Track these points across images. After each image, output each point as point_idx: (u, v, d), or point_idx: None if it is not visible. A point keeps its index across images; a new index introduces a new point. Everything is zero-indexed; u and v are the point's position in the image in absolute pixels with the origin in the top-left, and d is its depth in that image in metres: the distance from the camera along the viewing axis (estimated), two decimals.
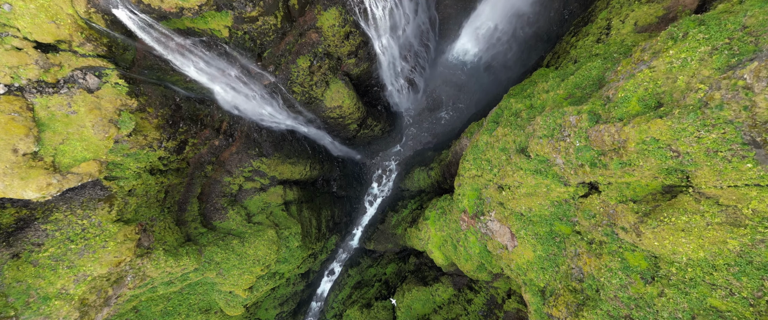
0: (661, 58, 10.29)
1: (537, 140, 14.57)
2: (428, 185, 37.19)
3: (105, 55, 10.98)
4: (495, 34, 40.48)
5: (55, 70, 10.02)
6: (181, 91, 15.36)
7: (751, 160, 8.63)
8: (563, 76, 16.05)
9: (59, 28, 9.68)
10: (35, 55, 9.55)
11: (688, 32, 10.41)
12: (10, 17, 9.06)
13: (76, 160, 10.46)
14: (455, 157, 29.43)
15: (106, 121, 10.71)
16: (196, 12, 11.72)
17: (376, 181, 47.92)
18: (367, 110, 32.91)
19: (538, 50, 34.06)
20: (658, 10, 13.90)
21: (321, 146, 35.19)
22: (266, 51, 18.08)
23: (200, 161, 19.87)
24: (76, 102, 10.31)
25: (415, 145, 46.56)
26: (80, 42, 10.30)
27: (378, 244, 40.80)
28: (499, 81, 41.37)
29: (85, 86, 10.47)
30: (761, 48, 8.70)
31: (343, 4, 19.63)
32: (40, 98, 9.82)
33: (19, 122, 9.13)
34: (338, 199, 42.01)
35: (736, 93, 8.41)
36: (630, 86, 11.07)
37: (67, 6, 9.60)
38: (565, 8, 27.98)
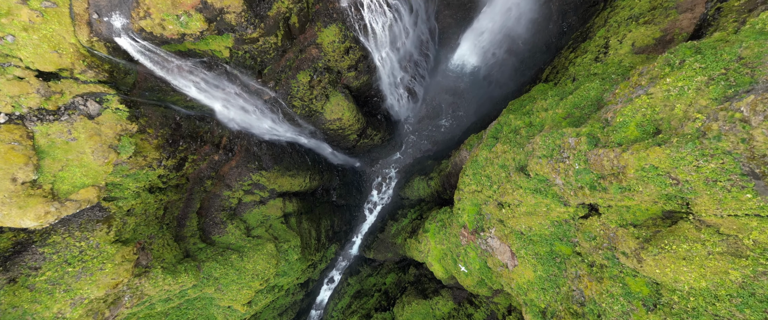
0: (659, 85, 10.36)
1: (536, 160, 14.58)
2: (428, 195, 37.10)
3: (106, 80, 11.05)
4: (494, 43, 40.85)
5: (56, 98, 10.08)
6: (182, 110, 15.42)
7: (751, 190, 8.62)
8: (562, 94, 16.14)
9: (61, 57, 9.77)
10: (37, 84, 9.62)
11: (684, 60, 10.50)
12: (13, 48, 9.14)
13: (74, 186, 10.45)
14: (455, 168, 29.41)
15: (105, 147, 10.73)
16: (197, 37, 11.83)
17: (376, 189, 47.84)
18: (366, 121, 33.02)
19: (537, 60, 34.31)
20: (655, 32, 14.04)
21: (321, 156, 35.23)
22: (266, 68, 18.20)
23: (200, 176, 19.86)
24: (77, 129, 10.34)
25: (415, 153, 46.60)
26: (82, 69, 10.38)
27: (378, 253, 40.51)
28: (498, 89, 41.60)
29: (85, 112, 10.51)
30: (757, 80, 8.77)
31: (343, 21, 19.83)
32: (41, 125, 9.85)
33: (19, 151, 9.15)
34: (338, 208, 41.88)
35: (733, 125, 8.44)
36: (628, 112, 11.12)
37: (69, 36, 9.69)
38: (563, 21, 28.28)
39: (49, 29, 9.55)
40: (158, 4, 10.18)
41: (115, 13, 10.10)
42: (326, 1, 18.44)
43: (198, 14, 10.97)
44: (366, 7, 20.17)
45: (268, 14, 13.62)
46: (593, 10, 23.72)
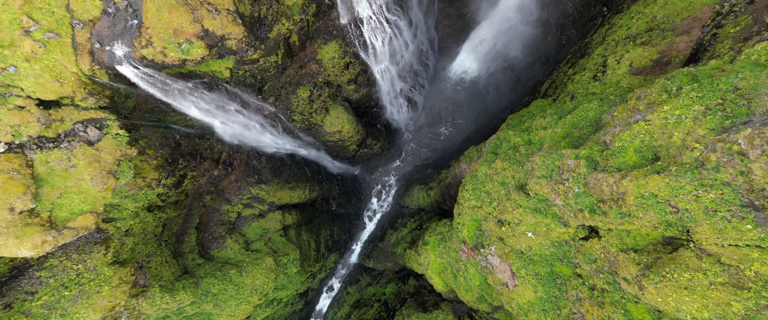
0: (656, 112, 10.42)
1: (536, 180, 14.57)
2: (428, 205, 36.99)
3: (107, 105, 11.10)
4: (493, 53, 41.18)
5: (57, 125, 10.11)
6: (181, 128, 15.46)
7: (751, 222, 8.61)
8: (561, 113, 16.21)
9: (63, 86, 9.83)
10: (37, 113, 9.66)
11: (681, 87, 10.58)
12: (15, 78, 9.20)
13: (73, 213, 10.42)
14: (455, 180, 29.36)
15: (105, 173, 10.73)
16: (198, 61, 11.93)
17: (376, 196, 47.71)
18: (366, 131, 33.09)
19: (536, 72, 34.53)
20: (653, 54, 14.17)
21: (320, 165, 35.21)
22: (267, 84, 18.30)
23: (199, 192, 19.82)
24: (76, 156, 10.35)
25: (415, 160, 46.61)
26: (83, 96, 10.44)
27: (377, 262, 40.21)
28: (497, 98, 41.80)
29: (85, 138, 10.54)
30: (754, 111, 8.82)
31: (343, 38, 20.02)
32: (40, 153, 9.86)
33: (18, 181, 9.14)
34: (337, 217, 41.71)
35: (731, 157, 8.46)
36: (626, 137, 11.16)
37: (71, 65, 9.76)
38: (562, 34, 28.57)
39: (52, 59, 9.63)
40: (160, 33, 10.29)
41: (117, 43, 10.21)
42: (326, 19, 18.65)
43: (199, 41, 11.08)
44: (366, 23, 20.38)
45: (268, 36, 13.76)
46: (591, 25, 23.98)
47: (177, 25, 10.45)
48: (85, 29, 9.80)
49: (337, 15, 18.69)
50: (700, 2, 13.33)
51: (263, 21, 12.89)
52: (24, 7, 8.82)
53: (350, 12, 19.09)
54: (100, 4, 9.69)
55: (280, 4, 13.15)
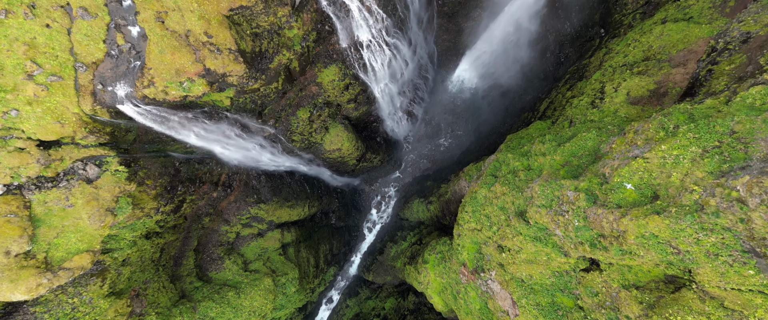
0: (655, 150, 10.46)
1: (535, 209, 14.52)
2: (427, 219, 36.77)
3: (107, 142, 11.14)
4: (492, 66, 41.58)
5: (56, 165, 10.13)
6: (181, 155, 15.48)
7: (753, 267, 8.54)
8: (559, 139, 16.26)
9: (64, 126, 9.89)
10: (37, 154, 9.69)
11: (678, 126, 10.65)
12: (16, 121, 9.26)
13: (69, 253, 10.33)
14: (454, 196, 29.27)
15: (102, 210, 10.70)
16: (198, 97, 12.03)
17: (375, 208, 47.50)
18: (365, 146, 33.15)
19: (536, 86, 34.75)
20: (649, 84, 14.31)
21: (320, 180, 35.15)
22: (267, 108, 18.41)
23: (198, 214, 19.72)
24: (74, 195, 10.34)
25: (415, 172, 46.56)
26: (83, 135, 10.49)
27: (377, 276, 39.74)
28: (496, 110, 41.99)
29: (84, 176, 10.55)
30: (751, 156, 8.86)
31: (342, 61, 20.22)
32: (39, 193, 9.85)
33: (15, 223, 9.11)
34: (337, 230, 41.43)
35: (730, 204, 8.45)
36: (625, 173, 11.17)
37: (73, 106, 9.85)
38: (561, 51, 28.91)
39: (54, 101, 9.71)
40: (162, 73, 10.41)
41: (119, 83, 10.31)
42: (327, 44, 18.88)
43: (201, 79, 11.19)
44: (365, 47, 20.61)
45: (269, 67, 13.91)
46: (589, 46, 24.29)
47: (179, 66, 10.58)
48: (88, 71, 9.92)
49: (337, 39, 18.93)
50: (696, 35, 13.53)
51: (264, 54, 13.06)
52: (28, 52, 8.95)
53: (350, 36, 19.35)
54: (103, 46, 9.84)
55: (281, 36, 13.36)
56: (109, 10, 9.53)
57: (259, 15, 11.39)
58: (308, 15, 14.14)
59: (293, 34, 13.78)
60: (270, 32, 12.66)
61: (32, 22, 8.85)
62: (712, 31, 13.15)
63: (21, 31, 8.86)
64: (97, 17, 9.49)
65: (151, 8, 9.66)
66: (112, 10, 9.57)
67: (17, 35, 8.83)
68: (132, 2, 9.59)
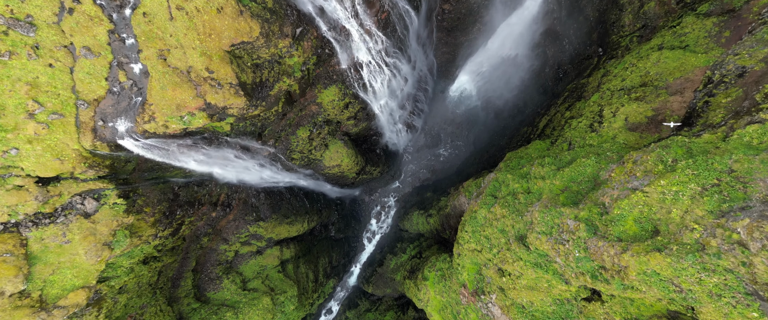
0: (654, 185, 10.47)
1: (536, 235, 14.44)
2: (427, 231, 36.54)
3: (106, 175, 11.13)
4: (491, 78, 41.88)
5: (55, 200, 10.11)
6: (180, 180, 15.45)
7: (757, 310, 8.43)
8: (559, 163, 16.27)
9: (63, 163, 9.90)
10: (36, 191, 9.68)
11: (677, 160, 10.68)
12: (16, 159, 9.28)
13: (64, 290, 10.22)
14: (454, 211, 29.15)
15: (99, 245, 10.63)
16: (199, 127, 12.08)
17: (375, 218, 47.24)
18: (365, 159, 33.15)
19: (535, 100, 34.92)
20: (647, 110, 14.40)
21: (319, 193, 35.05)
22: (267, 129, 18.46)
23: (196, 234, 19.59)
24: (71, 230, 10.28)
25: (414, 181, 46.47)
26: (83, 170, 10.50)
27: (376, 288, 39.28)
28: (496, 122, 42.12)
29: (82, 211, 10.52)
30: (750, 197, 8.86)
31: (342, 81, 20.36)
32: (36, 230, 9.80)
33: (11, 263, 9.03)
34: (336, 242, 41.11)
35: (731, 246, 8.41)
36: (625, 206, 11.16)
37: (73, 142, 9.88)
38: (559, 68, 29.17)
39: (54, 139, 9.74)
40: (163, 109, 10.49)
41: (120, 119, 10.37)
42: (327, 66, 19.03)
43: (201, 113, 11.26)
44: (365, 67, 20.78)
45: (269, 94, 14.01)
46: (587, 64, 24.53)
47: (180, 101, 10.66)
48: (89, 108, 9.98)
49: (337, 61, 19.10)
50: (692, 64, 13.68)
51: (265, 83, 13.18)
52: (30, 92, 9.03)
53: (350, 58, 19.52)
54: (105, 84, 9.93)
55: (282, 64, 13.50)
56: (112, 49, 9.65)
57: (260, 48, 11.53)
58: (308, 43, 14.32)
59: (293, 61, 13.92)
60: (271, 62, 12.80)
61: (35, 63, 8.94)
62: (708, 61, 13.30)
63: (24, 72, 8.94)
64: (100, 56, 9.60)
65: (154, 46, 9.78)
66: (115, 49, 9.69)
67: (20, 75, 8.92)
68: (135, 41, 9.72)
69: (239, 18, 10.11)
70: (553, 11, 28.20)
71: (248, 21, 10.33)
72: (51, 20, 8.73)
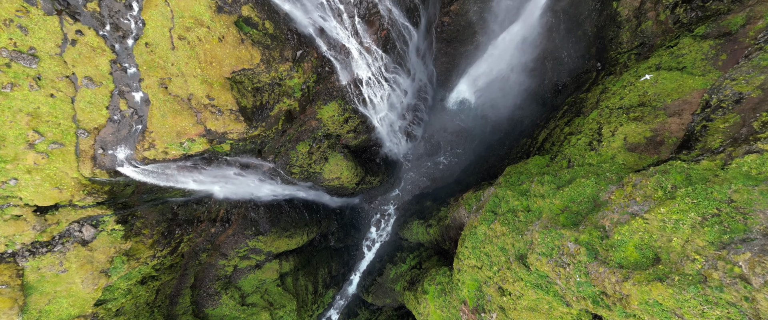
0: (654, 212, 10.45)
1: (536, 256, 14.35)
2: (427, 241, 36.31)
3: (104, 201, 11.12)
4: (491, 88, 42.09)
5: (52, 228, 10.07)
6: (179, 199, 15.42)
7: None
8: (558, 182, 16.25)
9: (62, 192, 9.90)
10: (33, 220, 9.66)
11: (676, 187, 10.68)
12: (14, 190, 9.28)
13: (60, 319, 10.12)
14: (454, 222, 29.01)
15: (96, 273, 10.55)
16: (198, 152, 12.12)
17: (375, 225, 47.03)
18: (365, 169, 33.12)
19: (534, 111, 35.01)
20: (646, 131, 14.44)
21: (319, 203, 34.96)
22: (266, 146, 18.48)
23: (195, 251, 19.46)
24: (68, 259, 10.23)
25: (414, 189, 46.37)
26: (81, 197, 10.49)
27: (376, 298, 38.88)
28: (495, 131, 42.18)
29: (80, 238, 10.47)
30: (751, 228, 8.83)
31: (342, 97, 20.46)
32: (32, 260, 9.74)
33: (6, 295, 8.95)
34: (336, 251, 40.85)
35: (733, 280, 8.35)
36: (626, 231, 11.12)
37: (72, 171, 9.89)
38: (558, 80, 29.35)
39: (53, 168, 9.76)
40: (163, 136, 10.52)
41: (120, 147, 10.40)
42: (327, 82, 19.14)
43: (201, 138, 11.30)
44: (365, 83, 20.90)
45: (269, 115, 14.08)
46: (586, 77, 24.69)
47: (180, 128, 10.70)
48: (90, 137, 10.02)
49: (336, 78, 19.22)
50: (690, 86, 13.77)
51: (265, 106, 13.26)
52: (31, 122, 9.07)
53: (350, 75, 19.65)
54: (106, 113, 9.98)
55: (282, 86, 13.59)
56: (113, 79, 9.73)
57: (260, 73, 11.63)
58: (309, 64, 14.43)
59: (294, 82, 14.03)
60: (271, 85, 12.89)
61: (37, 93, 9.01)
62: (705, 84, 13.40)
63: (25, 103, 9.00)
64: (102, 85, 9.67)
65: (156, 75, 9.86)
66: (117, 78, 9.77)
67: (21, 106, 8.97)
68: (136, 70, 9.80)
69: (240, 46, 10.21)
70: (551, 25, 28.51)
71: (249, 49, 10.43)
72: (53, 52, 8.82)
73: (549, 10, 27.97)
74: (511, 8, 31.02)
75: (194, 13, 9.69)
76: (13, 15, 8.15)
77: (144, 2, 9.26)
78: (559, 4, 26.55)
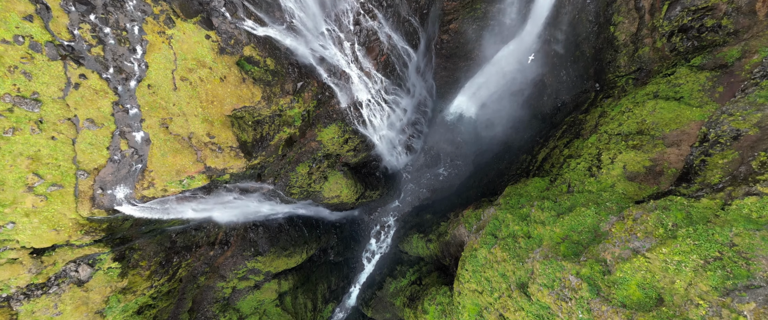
0: (655, 251, 10.39)
1: (537, 287, 14.19)
2: (427, 256, 35.99)
3: (102, 238, 11.05)
4: (490, 100, 42.37)
5: (48, 270, 9.98)
6: (177, 227, 15.33)
7: None
8: (558, 209, 16.21)
9: (59, 233, 9.86)
10: (30, 263, 9.59)
11: (677, 225, 10.65)
12: (11, 233, 9.24)
13: None
14: (454, 239, 28.81)
15: (92, 314, 10.41)
16: (198, 187, 12.13)
17: (374, 237, 46.67)
18: (365, 184, 33.04)
19: (533, 126, 35.13)
20: (645, 160, 14.47)
21: (318, 218, 34.78)
22: (266, 169, 18.46)
23: (193, 274, 19.25)
24: (64, 301, 10.10)
25: (414, 201, 46.19)
26: (78, 237, 10.43)
27: (376, 313, 38.30)
28: (494, 145, 42.28)
29: (75, 278, 10.37)
30: (754, 274, 8.77)
31: (342, 120, 20.55)
32: (27, 303, 9.62)
33: None
34: (335, 265, 40.42)
35: None
36: (628, 269, 11.03)
37: (70, 212, 9.87)
38: (557, 97, 29.58)
39: (51, 210, 9.73)
40: (163, 175, 10.55)
41: (119, 186, 10.42)
42: (327, 106, 19.25)
43: (201, 175, 11.32)
44: (365, 105, 21.02)
45: (270, 144, 14.12)
46: (585, 97, 24.88)
47: (180, 167, 10.72)
48: (89, 178, 10.03)
49: (336, 101, 19.35)
50: (688, 117, 13.86)
51: (266, 138, 13.31)
52: (31, 165, 9.09)
53: (349, 98, 19.79)
54: (107, 153, 10.01)
55: (282, 116, 13.68)
56: (115, 119, 9.81)
57: (261, 108, 11.72)
58: (309, 93, 14.56)
59: (294, 112, 14.12)
60: (272, 116, 12.98)
61: (38, 136, 9.05)
62: (703, 116, 13.48)
63: (26, 146, 9.03)
64: (103, 126, 9.73)
65: (157, 115, 9.94)
66: (119, 119, 9.85)
67: (22, 150, 9.00)
68: (138, 111, 9.90)
69: (242, 85, 10.32)
70: (549, 44, 28.88)
71: (250, 87, 10.54)
72: (56, 95, 8.90)
73: (548, 28, 28.41)
74: (509, 26, 31.50)
75: (197, 55, 9.82)
76: (18, 62, 8.26)
77: (148, 46, 9.41)
78: (558, 24, 26.98)
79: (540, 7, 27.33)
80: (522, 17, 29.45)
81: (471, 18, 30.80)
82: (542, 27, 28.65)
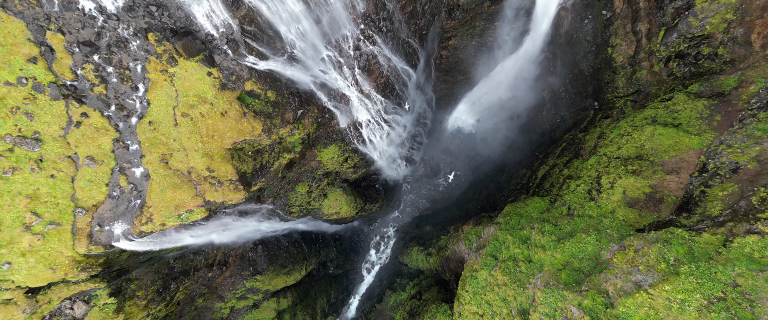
0: (658, 288, 10.30)
1: (539, 316, 14.02)
2: (427, 269, 35.68)
3: (98, 273, 10.95)
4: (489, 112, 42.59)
5: (43, 308, 9.85)
6: (175, 253, 15.20)
7: None
8: (559, 234, 16.14)
9: (55, 272, 9.76)
10: (24, 303, 9.47)
11: (679, 261, 10.58)
12: (6, 274, 9.15)
13: None
14: (454, 255, 28.61)
15: None
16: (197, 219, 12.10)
17: (374, 248, 46.31)
18: (364, 198, 32.92)
19: (532, 139, 35.23)
20: (645, 187, 14.46)
21: (317, 232, 34.58)
22: (265, 191, 18.40)
23: (191, 296, 19.00)
24: None
25: (413, 211, 45.99)
26: (75, 274, 10.33)
27: None
28: (493, 156, 42.31)
29: (70, 316, 10.23)
30: (759, 318, 8.68)
31: (342, 140, 20.59)
32: None
33: None
34: (335, 278, 40.00)
35: None
36: (631, 304, 10.91)
37: (67, 250, 9.80)
38: (556, 113, 29.75)
39: (48, 249, 9.66)
40: (162, 210, 10.53)
41: (117, 222, 10.38)
42: (326, 127, 19.31)
43: (200, 209, 11.29)
44: (365, 125, 21.09)
45: (269, 171, 14.12)
46: (584, 114, 25.02)
47: (179, 202, 10.71)
48: (87, 215, 10.01)
49: (336, 122, 19.42)
50: (686, 145, 13.92)
51: (265, 166, 13.33)
52: (29, 204, 9.06)
53: (349, 118, 19.87)
54: (105, 189, 10.01)
55: (282, 144, 13.71)
56: (115, 156, 9.83)
57: (262, 140, 11.76)
58: (309, 119, 14.63)
59: (294, 139, 14.17)
60: (272, 145, 13.00)
61: (37, 175, 9.05)
62: (701, 144, 13.53)
63: (25, 185, 9.02)
64: (103, 163, 9.74)
65: (158, 151, 9.95)
66: (119, 155, 9.87)
67: (21, 189, 8.99)
68: (139, 147, 9.92)
69: (242, 119, 10.38)
70: (549, 61, 29.20)
71: (251, 121, 10.60)
72: (57, 134, 8.93)
73: (548, 45, 28.76)
74: (509, 42, 31.90)
75: (198, 92, 9.90)
76: (21, 103, 8.31)
77: (150, 84, 9.49)
78: (557, 42, 27.31)
79: (538, 24, 27.72)
80: (520, 34, 29.83)
81: (470, 35, 31.19)
82: (542, 44, 29.01)
